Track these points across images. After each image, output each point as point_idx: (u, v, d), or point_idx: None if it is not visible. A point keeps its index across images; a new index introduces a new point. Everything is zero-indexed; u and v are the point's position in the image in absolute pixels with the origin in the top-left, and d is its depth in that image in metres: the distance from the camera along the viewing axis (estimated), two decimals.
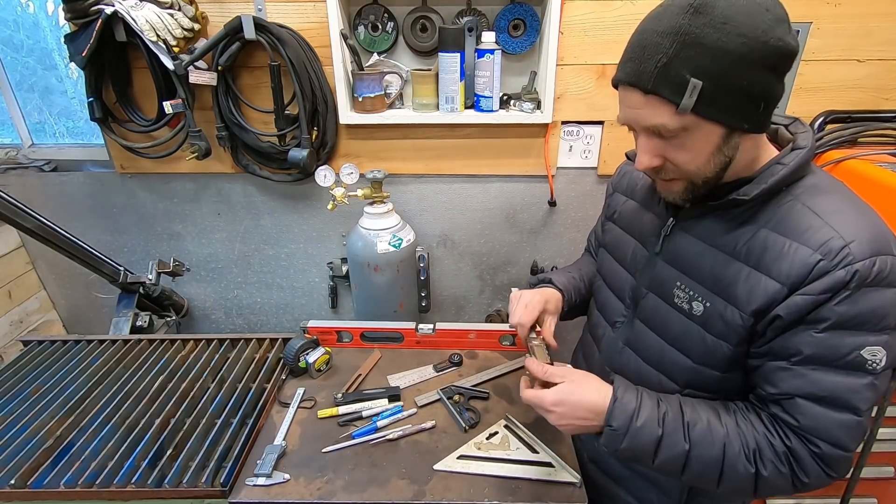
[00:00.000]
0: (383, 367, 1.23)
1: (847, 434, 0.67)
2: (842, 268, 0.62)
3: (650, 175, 0.76)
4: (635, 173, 0.96)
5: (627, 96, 0.68)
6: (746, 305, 0.69)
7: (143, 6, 1.29)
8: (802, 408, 0.67)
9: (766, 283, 0.68)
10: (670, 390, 0.82)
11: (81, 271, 1.51)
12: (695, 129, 0.65)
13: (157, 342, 1.29)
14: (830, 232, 0.64)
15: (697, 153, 0.67)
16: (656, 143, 0.69)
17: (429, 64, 1.46)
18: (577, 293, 1.06)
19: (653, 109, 0.65)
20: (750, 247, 0.70)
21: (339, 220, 1.65)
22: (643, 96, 0.65)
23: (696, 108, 0.62)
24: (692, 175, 0.70)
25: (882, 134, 1.39)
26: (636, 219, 0.91)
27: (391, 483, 0.92)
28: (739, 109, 0.64)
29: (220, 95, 1.42)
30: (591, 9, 1.35)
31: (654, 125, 0.66)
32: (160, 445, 0.98)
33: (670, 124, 0.64)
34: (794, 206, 0.69)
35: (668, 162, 0.70)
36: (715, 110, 0.63)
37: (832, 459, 0.67)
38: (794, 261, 0.65)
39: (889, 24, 1.35)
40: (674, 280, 0.79)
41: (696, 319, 0.76)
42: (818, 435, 0.67)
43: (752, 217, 0.71)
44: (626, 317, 0.90)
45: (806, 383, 0.67)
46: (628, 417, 0.73)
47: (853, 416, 0.66)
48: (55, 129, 1.77)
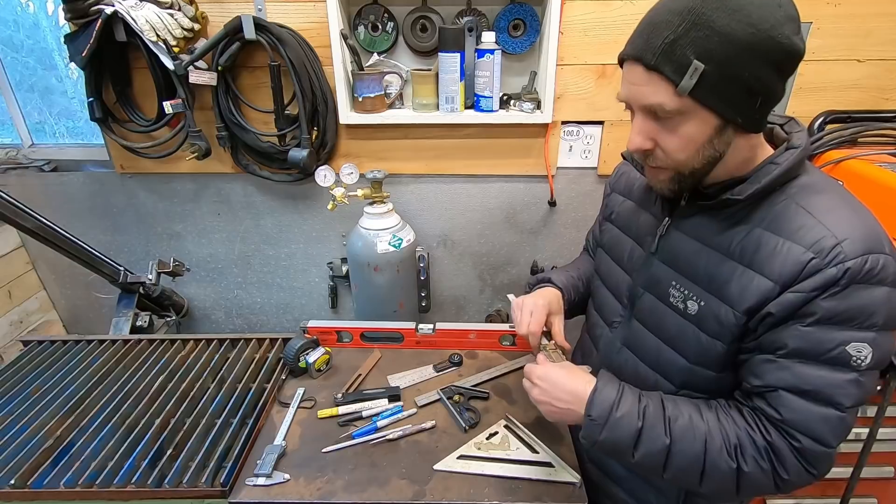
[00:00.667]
0: (383, 367, 1.23)
1: (828, 429, 0.66)
2: (833, 265, 0.62)
3: (639, 159, 0.76)
4: (632, 174, 0.96)
5: (630, 72, 0.68)
6: (739, 304, 0.70)
7: (143, 6, 1.29)
8: (785, 400, 0.67)
9: (759, 281, 0.68)
10: (667, 391, 0.82)
11: (81, 271, 1.51)
12: (690, 115, 0.65)
13: (157, 342, 1.29)
14: (823, 230, 0.64)
15: (688, 142, 0.67)
16: (651, 125, 0.69)
17: (429, 64, 1.46)
18: (575, 291, 1.06)
19: (653, 87, 0.65)
20: (744, 246, 0.70)
21: (339, 220, 1.65)
22: (645, 72, 0.65)
23: (696, 93, 0.62)
24: (679, 165, 0.70)
25: (882, 134, 1.39)
26: (633, 219, 0.91)
27: (391, 483, 0.92)
28: (737, 102, 0.64)
29: (220, 95, 1.42)
30: (591, 9, 1.35)
31: (651, 104, 0.66)
32: (160, 445, 0.98)
33: (668, 105, 0.64)
34: (789, 206, 0.69)
35: (658, 148, 0.70)
36: (714, 98, 0.63)
37: (812, 455, 0.67)
38: (786, 259, 0.66)
39: (889, 24, 1.35)
40: (669, 279, 0.80)
41: (690, 319, 0.77)
42: (799, 428, 0.67)
43: (746, 216, 0.72)
44: (623, 317, 0.90)
45: (790, 376, 0.67)
46: (608, 408, 0.73)
47: (835, 412, 0.66)
48: (55, 129, 1.77)
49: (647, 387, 0.84)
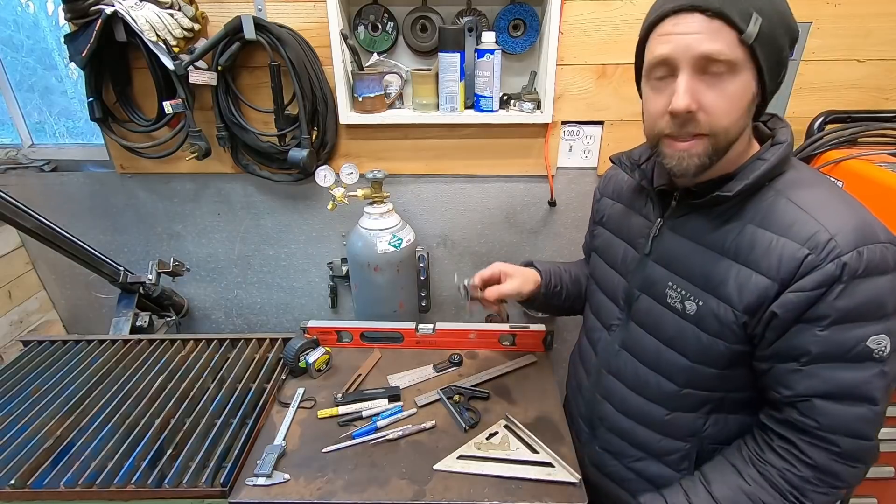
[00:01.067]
0: (383, 367, 1.23)
1: (867, 426, 0.68)
2: (830, 261, 0.63)
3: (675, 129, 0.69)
4: (620, 176, 0.96)
5: (683, 22, 0.65)
6: (738, 302, 0.70)
7: (143, 6, 1.29)
8: (819, 408, 0.68)
9: (756, 279, 0.68)
10: (669, 391, 0.82)
11: (81, 271, 1.51)
12: (740, 71, 0.64)
13: (157, 342, 1.29)
14: (816, 225, 0.65)
15: (735, 104, 0.66)
16: (698, 84, 0.66)
17: (429, 64, 1.46)
18: (556, 278, 1.07)
19: (714, 34, 0.63)
20: (738, 243, 0.71)
21: (339, 220, 1.65)
22: (707, 20, 0.63)
23: (756, 43, 0.63)
24: (721, 132, 0.67)
25: (882, 134, 1.38)
26: (624, 221, 0.91)
27: (391, 483, 0.92)
28: (774, 66, 0.66)
29: (220, 95, 1.42)
30: (591, 9, 1.35)
31: (710, 51, 0.63)
32: (160, 445, 0.98)
33: (728, 52, 0.63)
34: (778, 201, 0.69)
35: (701, 111, 0.66)
36: (765, 53, 0.64)
37: (859, 453, 0.68)
38: (782, 256, 0.66)
39: (889, 24, 1.35)
40: (665, 280, 0.80)
41: (689, 319, 0.77)
42: (839, 431, 0.67)
43: (737, 213, 0.72)
44: (620, 319, 0.90)
45: (820, 382, 0.67)
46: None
47: (870, 407, 0.67)
48: (55, 129, 1.77)
49: (649, 388, 0.84)
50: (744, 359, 0.75)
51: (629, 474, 0.94)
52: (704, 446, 0.84)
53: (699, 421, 0.82)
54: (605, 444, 0.97)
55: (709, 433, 0.83)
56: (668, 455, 0.87)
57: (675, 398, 0.82)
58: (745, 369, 0.76)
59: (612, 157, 0.90)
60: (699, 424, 0.82)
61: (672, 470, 0.87)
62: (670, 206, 0.81)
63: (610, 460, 0.96)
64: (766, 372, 0.73)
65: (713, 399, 0.80)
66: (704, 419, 0.82)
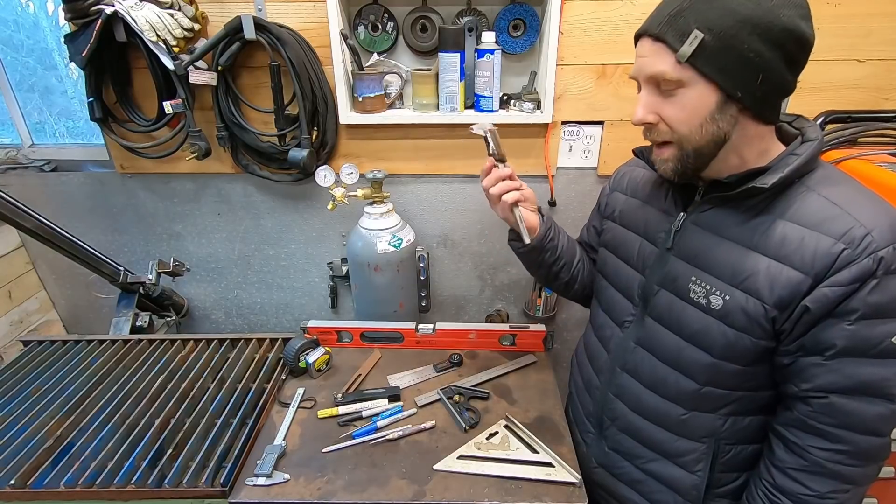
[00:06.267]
0: (383, 367, 1.23)
1: (883, 423, 0.68)
2: (867, 256, 0.62)
3: (645, 136, 0.77)
4: (637, 172, 0.96)
5: (640, 46, 0.71)
6: (769, 297, 0.69)
7: (143, 6, 1.29)
8: (837, 406, 0.68)
9: (789, 273, 0.68)
10: (688, 389, 0.81)
11: (81, 271, 1.51)
12: (692, 85, 0.67)
13: (157, 342, 1.29)
14: (851, 221, 0.65)
15: (692, 113, 0.69)
16: (654, 98, 0.71)
17: (429, 64, 1.46)
18: (555, 231, 1.05)
19: (657, 57, 0.68)
20: (767, 238, 0.70)
21: (339, 220, 1.65)
22: (652, 44, 0.68)
23: (694, 61, 0.65)
24: (683, 139, 0.71)
25: (882, 134, 1.38)
26: (639, 215, 0.90)
27: (391, 483, 0.92)
28: (735, 74, 0.65)
29: (220, 95, 1.42)
30: (591, 9, 1.35)
31: (654, 73, 0.69)
32: (160, 445, 0.98)
33: (669, 73, 0.67)
34: (809, 196, 0.69)
35: (661, 122, 0.71)
36: (712, 67, 0.65)
37: (872, 450, 0.69)
38: (816, 251, 0.65)
39: (889, 24, 1.35)
40: (688, 275, 0.79)
41: (714, 314, 0.75)
42: (856, 429, 0.68)
43: (766, 208, 0.72)
44: (635, 315, 0.89)
45: (841, 377, 0.67)
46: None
47: (888, 405, 0.67)
48: (55, 129, 1.77)
49: (667, 386, 0.83)
50: (767, 355, 0.74)
51: (641, 475, 0.92)
52: (721, 447, 0.83)
53: (718, 421, 0.81)
54: (615, 445, 0.95)
55: (726, 434, 0.82)
56: (682, 456, 0.85)
57: (694, 397, 0.81)
58: (767, 366, 0.75)
59: (634, 149, 0.89)
60: (717, 424, 0.81)
61: (686, 472, 0.86)
62: (693, 201, 0.80)
63: (620, 461, 0.94)
64: (786, 366, 0.72)
65: (732, 398, 0.79)
66: (724, 420, 0.81)
